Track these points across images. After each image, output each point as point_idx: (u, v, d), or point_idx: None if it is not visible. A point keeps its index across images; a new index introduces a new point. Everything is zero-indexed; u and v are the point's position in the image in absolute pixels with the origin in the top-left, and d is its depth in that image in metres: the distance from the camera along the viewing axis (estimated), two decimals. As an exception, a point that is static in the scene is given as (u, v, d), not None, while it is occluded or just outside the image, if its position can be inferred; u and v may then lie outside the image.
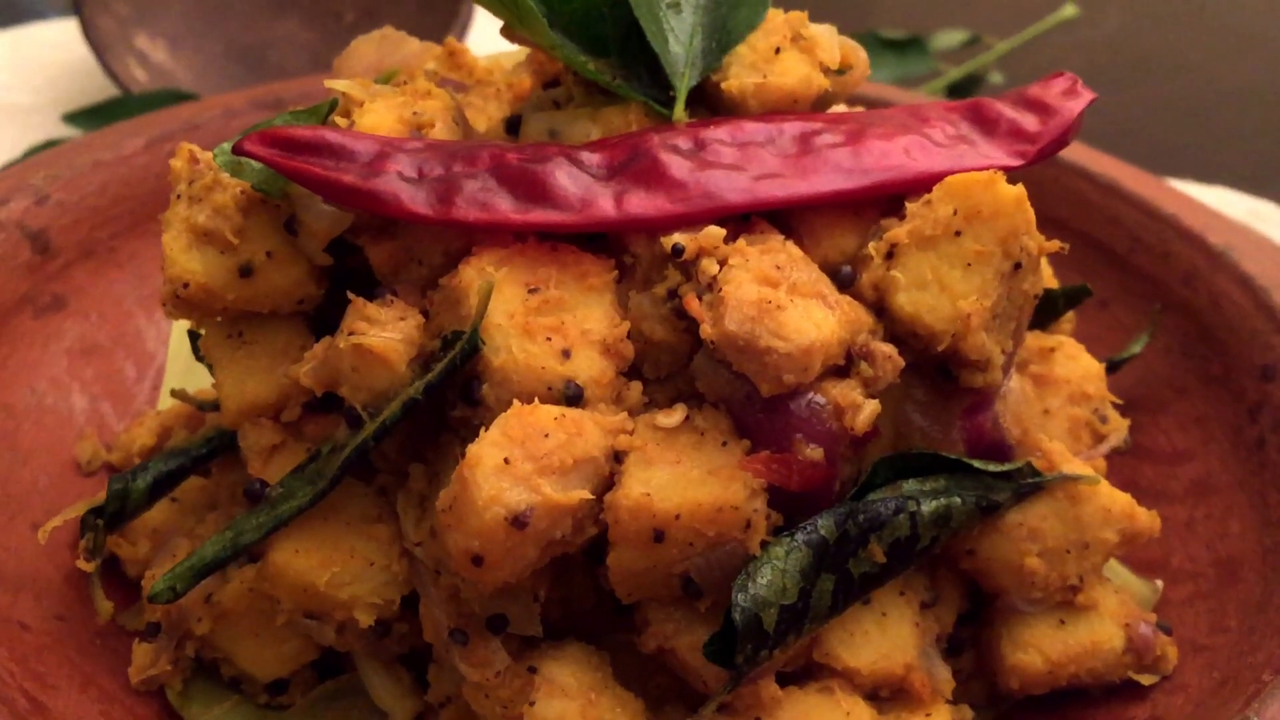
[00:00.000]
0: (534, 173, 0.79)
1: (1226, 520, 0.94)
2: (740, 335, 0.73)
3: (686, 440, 0.75)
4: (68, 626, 0.86)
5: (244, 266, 0.83)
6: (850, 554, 0.77)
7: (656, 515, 0.72)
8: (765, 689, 0.76)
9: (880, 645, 0.80)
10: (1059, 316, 0.98)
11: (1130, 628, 0.84)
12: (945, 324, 0.78)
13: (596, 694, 0.76)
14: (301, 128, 0.79)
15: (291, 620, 0.81)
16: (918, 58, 1.82)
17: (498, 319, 0.76)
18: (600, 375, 0.76)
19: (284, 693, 0.87)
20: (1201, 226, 1.10)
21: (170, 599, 0.78)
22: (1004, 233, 0.78)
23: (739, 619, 0.73)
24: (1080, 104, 0.86)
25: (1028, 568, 0.82)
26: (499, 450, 0.70)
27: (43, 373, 1.04)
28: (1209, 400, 1.03)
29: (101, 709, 0.81)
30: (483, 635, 0.77)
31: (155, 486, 0.86)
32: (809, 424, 0.75)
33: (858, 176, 0.81)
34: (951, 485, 0.80)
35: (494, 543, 0.70)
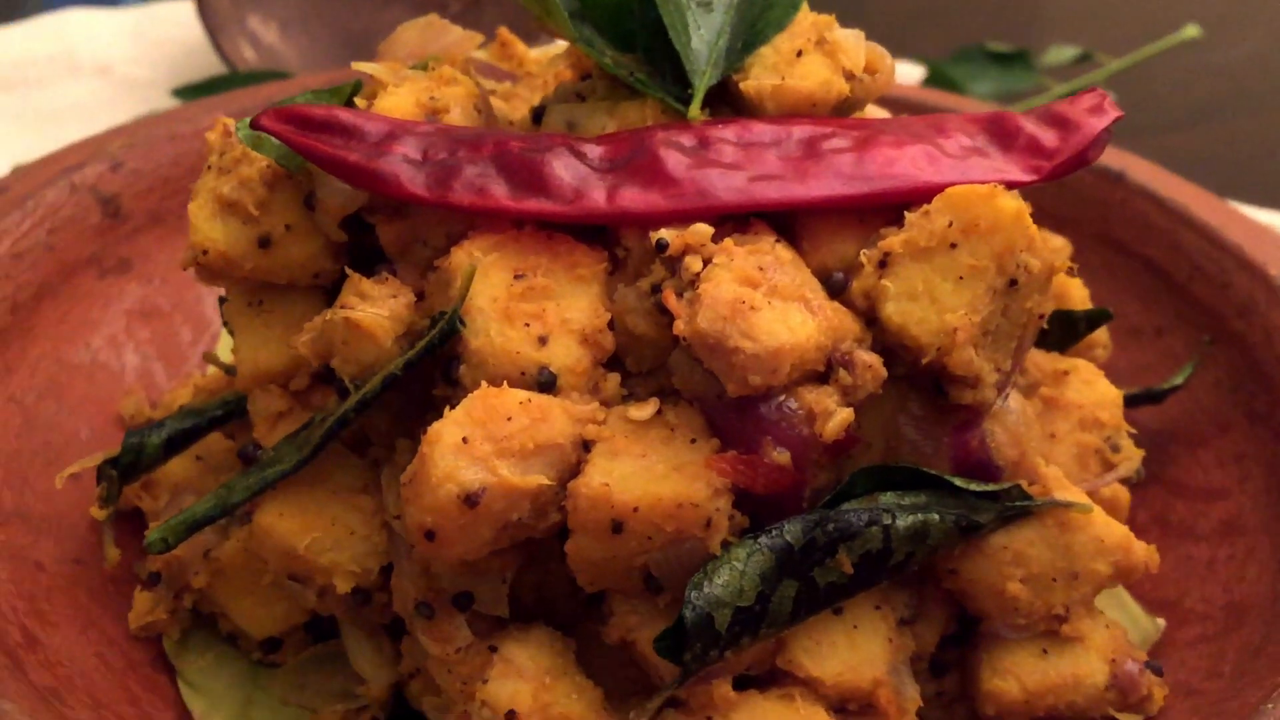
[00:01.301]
0: (532, 161, 0.80)
1: (1246, 563, 0.90)
2: (711, 333, 0.73)
3: (656, 435, 0.76)
4: (83, 570, 0.91)
5: (263, 238, 0.86)
6: (816, 562, 0.76)
7: (615, 506, 0.73)
8: (718, 689, 0.76)
9: (848, 657, 0.79)
10: (1079, 339, 0.95)
11: (1116, 664, 0.81)
12: (932, 337, 0.77)
13: (553, 679, 0.77)
14: (317, 106, 0.82)
15: (277, 581, 0.84)
16: (1022, 72, 1.78)
17: (480, 302, 0.77)
18: (575, 364, 0.77)
19: (277, 651, 0.90)
20: (1265, 258, 1.06)
21: (162, 549, 0.81)
22: (1000, 248, 0.76)
23: (690, 617, 0.73)
24: (1103, 121, 0.83)
25: (1010, 593, 0.80)
26: (459, 429, 0.72)
27: (100, 330, 1.10)
28: (1251, 438, 0.99)
29: (97, 650, 0.85)
30: (448, 611, 0.78)
31: (170, 443, 0.90)
32: (778, 427, 0.75)
33: (858, 183, 0.80)
34: (932, 502, 0.79)
35: (447, 519, 0.71)
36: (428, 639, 0.78)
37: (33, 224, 1.07)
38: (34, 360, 1.03)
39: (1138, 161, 1.20)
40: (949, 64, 1.80)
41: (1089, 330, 0.95)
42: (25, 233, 1.06)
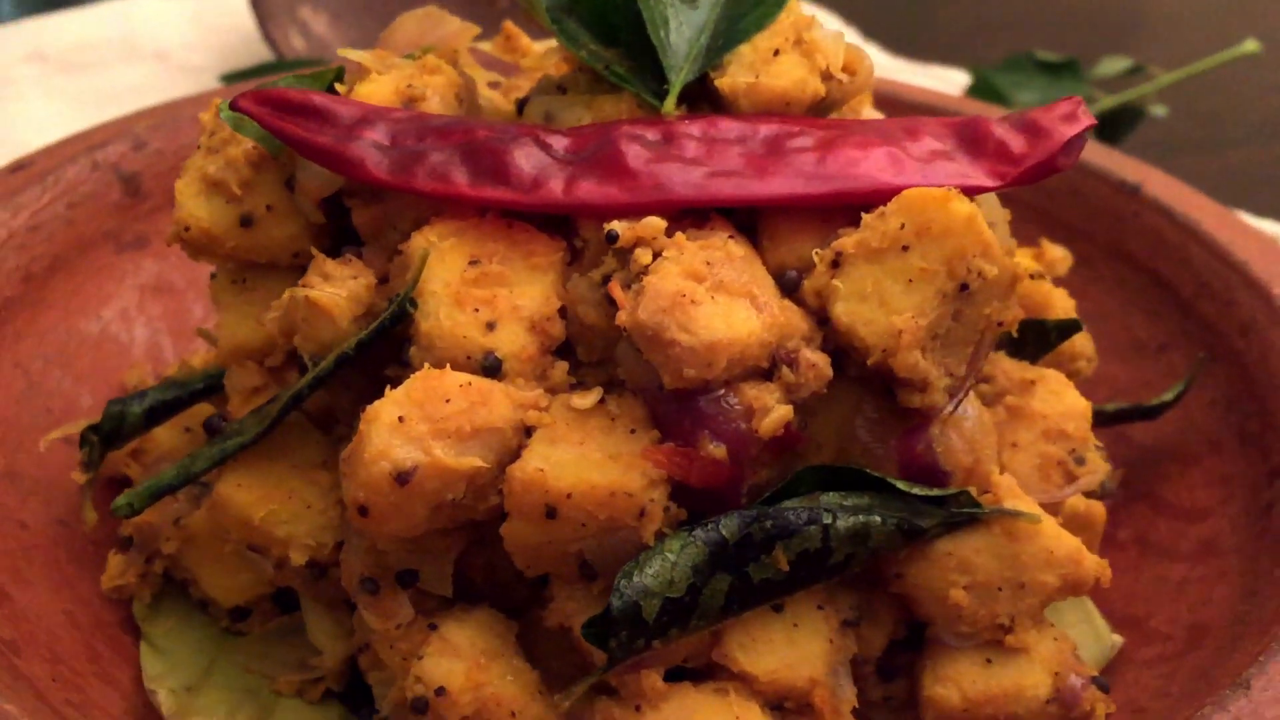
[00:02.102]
0: (496, 150, 0.81)
1: (1215, 585, 0.88)
2: (650, 325, 0.74)
3: (596, 423, 0.77)
4: (65, 532, 0.94)
5: (245, 217, 0.89)
6: (752, 558, 0.77)
7: (549, 491, 0.74)
8: (647, 679, 0.76)
9: (785, 655, 0.79)
10: (1051, 349, 0.94)
11: (1060, 677, 0.80)
12: (878, 338, 0.76)
13: (488, 660, 0.78)
14: (293, 90, 0.84)
15: (238, 550, 0.86)
16: (1070, 82, 1.75)
17: (434, 286, 0.79)
18: (521, 350, 0.78)
19: (245, 620, 0.92)
20: (1271, 276, 1.03)
21: (128, 514, 0.84)
22: (950, 252, 0.76)
23: (617, 605, 0.74)
24: (1074, 129, 0.82)
25: (953, 599, 0.79)
26: (397, 408, 0.73)
27: (112, 304, 1.13)
28: (1240, 459, 0.97)
29: (67, 608, 0.88)
30: (392, 588, 0.80)
31: (151, 412, 0.93)
32: (715, 421, 0.75)
33: (817, 183, 0.80)
34: (875, 504, 0.79)
35: (379, 495, 0.73)
36: (370, 614, 0.80)
37: (52, 198, 1.11)
38: (43, 329, 1.07)
39: (1157, 175, 1.18)
40: (996, 72, 1.78)
41: (1060, 340, 0.93)
42: (43, 206, 1.10)
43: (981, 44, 2.16)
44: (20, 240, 1.07)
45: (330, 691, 0.88)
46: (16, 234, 1.07)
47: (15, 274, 1.06)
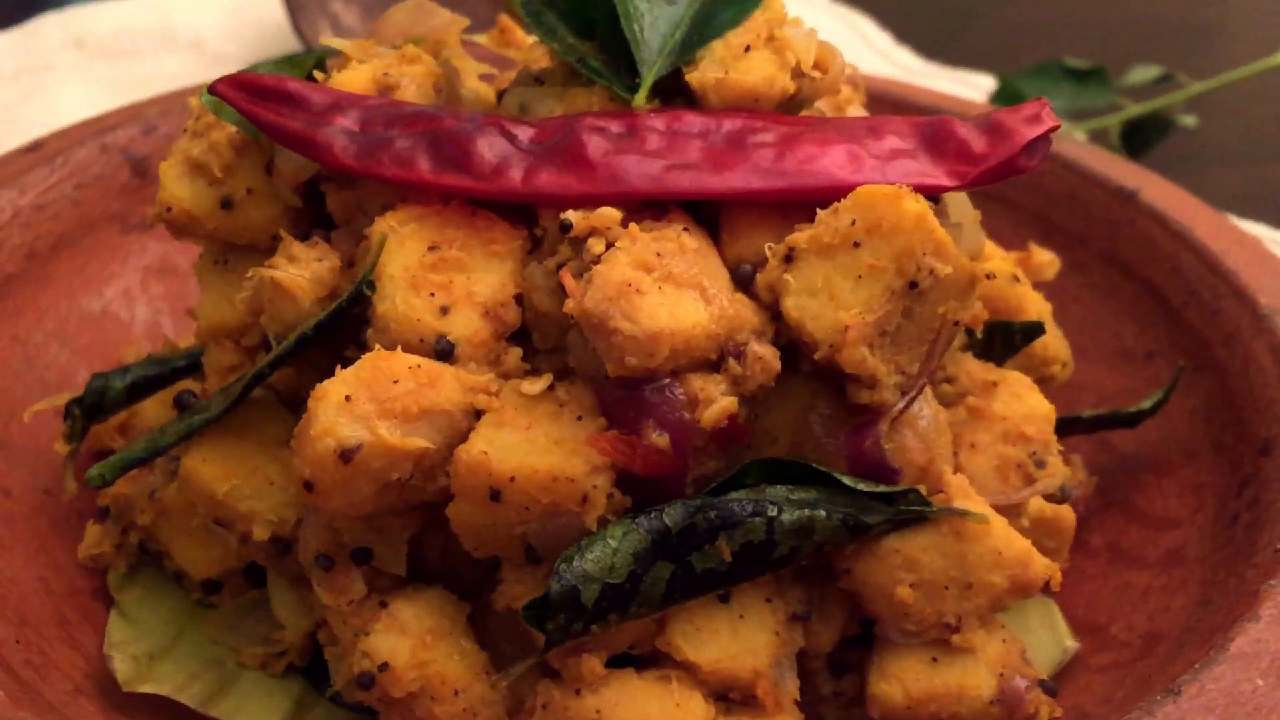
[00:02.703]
0: (460, 139, 0.83)
1: (1176, 594, 0.88)
2: (595, 313, 0.75)
3: (544, 409, 0.78)
4: (49, 501, 0.97)
5: (225, 199, 0.91)
6: (695, 547, 0.77)
7: (493, 474, 0.75)
8: (587, 663, 0.77)
9: (729, 646, 0.80)
10: (1017, 351, 0.93)
11: (1004, 679, 0.80)
12: (825, 333, 0.77)
13: (435, 639, 0.80)
14: (269, 75, 0.86)
15: (205, 524, 0.88)
16: (1097, 90, 1.73)
17: (392, 270, 0.80)
18: (473, 335, 0.79)
19: (217, 593, 0.94)
20: (1259, 286, 1.02)
21: (100, 484, 0.86)
22: (899, 249, 0.76)
23: (555, 589, 0.75)
24: (1036, 130, 0.82)
25: (898, 596, 0.80)
26: (345, 387, 0.75)
27: (116, 283, 1.16)
28: (1213, 469, 0.96)
29: (41, 575, 0.90)
30: (346, 565, 0.82)
31: (133, 388, 0.95)
32: (659, 411, 0.76)
33: (773, 178, 0.81)
34: (821, 498, 0.79)
35: (323, 472, 0.74)
36: (323, 589, 0.81)
37: (60, 178, 1.14)
38: (44, 305, 1.10)
39: (1155, 182, 1.17)
40: (1023, 78, 1.77)
41: (1025, 342, 0.93)
42: (51, 186, 1.13)
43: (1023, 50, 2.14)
44: (25, 218, 1.11)
45: (293, 666, 0.90)
46: (22, 212, 1.11)
47: (19, 251, 1.09)
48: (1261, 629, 0.74)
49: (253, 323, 0.90)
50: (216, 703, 0.85)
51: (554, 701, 0.78)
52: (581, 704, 0.77)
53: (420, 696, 0.79)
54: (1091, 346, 1.13)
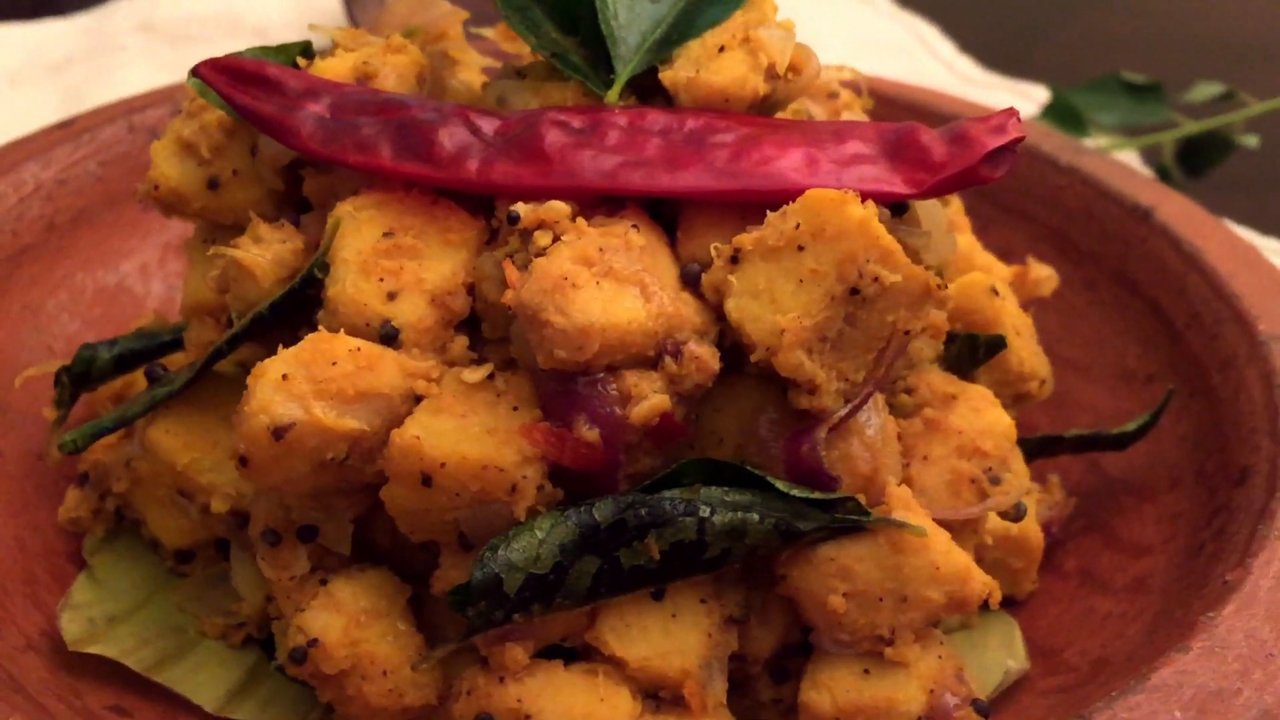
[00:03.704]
0: (423, 128, 0.84)
1: (1132, 622, 0.85)
2: (530, 305, 0.75)
3: (482, 398, 0.78)
4: (39, 465, 1.00)
5: (212, 179, 0.93)
6: (624, 543, 0.77)
7: (425, 459, 0.76)
8: (510, 652, 0.78)
9: (660, 644, 0.80)
10: (980, 364, 0.92)
11: (934, 695, 0.78)
12: (763, 336, 0.76)
13: (369, 619, 0.81)
14: (250, 60, 0.88)
15: (170, 495, 0.90)
16: (1153, 105, 1.69)
17: (346, 254, 0.81)
18: (419, 321, 0.80)
19: (189, 563, 0.96)
20: (1260, 312, 0.99)
21: (72, 450, 0.89)
22: (842, 254, 0.76)
23: (478, 575, 0.76)
24: (998, 140, 0.80)
25: (831, 605, 0.79)
26: (284, 366, 0.77)
27: (133, 258, 1.20)
28: (1192, 497, 0.94)
29: (20, 534, 0.94)
30: (292, 541, 0.83)
31: (120, 359, 0.98)
32: (591, 404, 0.76)
33: (726, 178, 0.81)
34: (756, 502, 0.78)
35: (257, 448, 0.76)
36: (267, 564, 0.83)
37: (84, 155, 1.18)
38: (60, 276, 1.14)
39: (1174, 200, 1.14)
40: (1078, 92, 1.73)
41: (988, 355, 0.91)
42: (74, 162, 1.17)
43: (1099, 64, 2.09)
44: (47, 191, 1.15)
45: (251, 638, 0.92)
46: (44, 185, 1.14)
47: (38, 223, 1.13)
48: (1189, 660, 0.72)
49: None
50: (165, 669, 0.87)
51: (478, 688, 0.79)
52: (504, 692, 0.78)
53: (351, 674, 0.80)
54: (1095, 366, 1.11)
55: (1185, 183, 1.69)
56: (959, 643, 0.92)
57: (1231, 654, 0.72)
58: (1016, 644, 0.90)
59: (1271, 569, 0.77)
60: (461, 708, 0.79)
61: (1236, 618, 0.74)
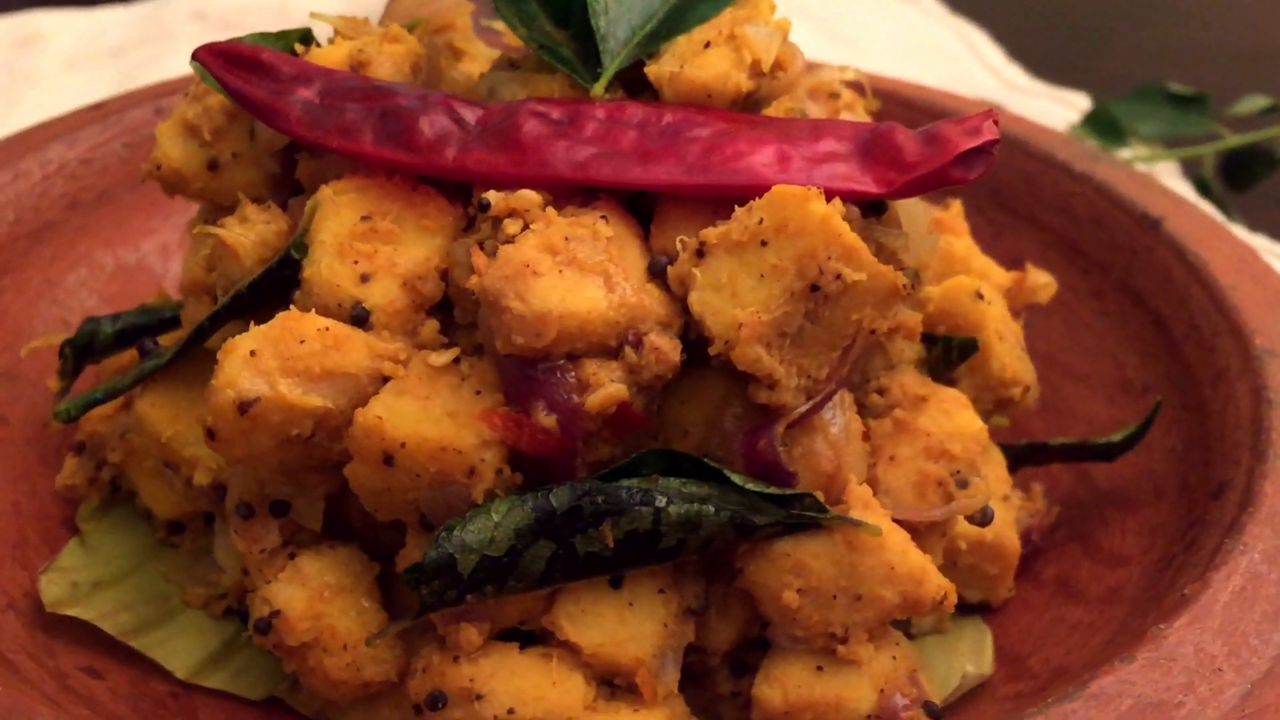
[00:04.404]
0: (406, 115, 0.85)
1: (1098, 633, 0.85)
2: (492, 290, 0.77)
3: (446, 381, 0.80)
4: (42, 433, 1.03)
5: (212, 161, 0.96)
6: (579, 530, 0.78)
7: (386, 439, 0.77)
8: (464, 632, 0.79)
9: (615, 632, 0.80)
10: (953, 367, 0.91)
11: (884, 695, 0.78)
12: (722, 329, 0.77)
13: (333, 594, 0.83)
14: (247, 45, 0.91)
15: (158, 466, 0.93)
16: (1196, 117, 1.66)
17: (323, 236, 0.83)
18: (389, 304, 0.82)
19: (180, 534, 0.99)
20: (1257, 326, 0.97)
21: (65, 419, 0.93)
22: (803, 251, 0.76)
23: (431, 555, 0.77)
24: (972, 141, 0.80)
25: (785, 601, 0.79)
26: (253, 343, 0.78)
27: (155, 238, 1.23)
28: (1173, 509, 0.92)
29: (16, 499, 0.97)
30: (265, 515, 0.85)
31: (122, 333, 1.01)
32: (549, 391, 0.77)
33: (696, 173, 0.81)
34: (712, 494, 0.79)
35: (223, 421, 0.78)
36: (239, 536, 0.85)
37: (111, 136, 1.21)
38: (80, 252, 1.18)
39: (1186, 210, 1.12)
40: (1120, 102, 1.71)
41: (960, 359, 0.91)
42: (101, 142, 1.21)
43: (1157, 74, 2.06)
44: (71, 170, 1.18)
45: (232, 609, 0.94)
46: (69, 164, 1.18)
47: (61, 200, 1.17)
48: (1132, 671, 0.71)
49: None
50: (142, 635, 0.89)
51: (433, 666, 0.80)
52: (457, 671, 0.79)
53: (313, 647, 0.82)
54: (1094, 376, 1.10)
55: (1227, 196, 1.67)
56: (930, 646, 0.92)
57: (1178, 667, 0.71)
58: (985, 650, 0.90)
59: (1231, 584, 0.76)
60: (416, 684, 0.81)
61: (1187, 630, 0.73)
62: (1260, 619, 0.75)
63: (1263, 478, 0.84)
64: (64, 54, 1.86)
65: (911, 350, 0.92)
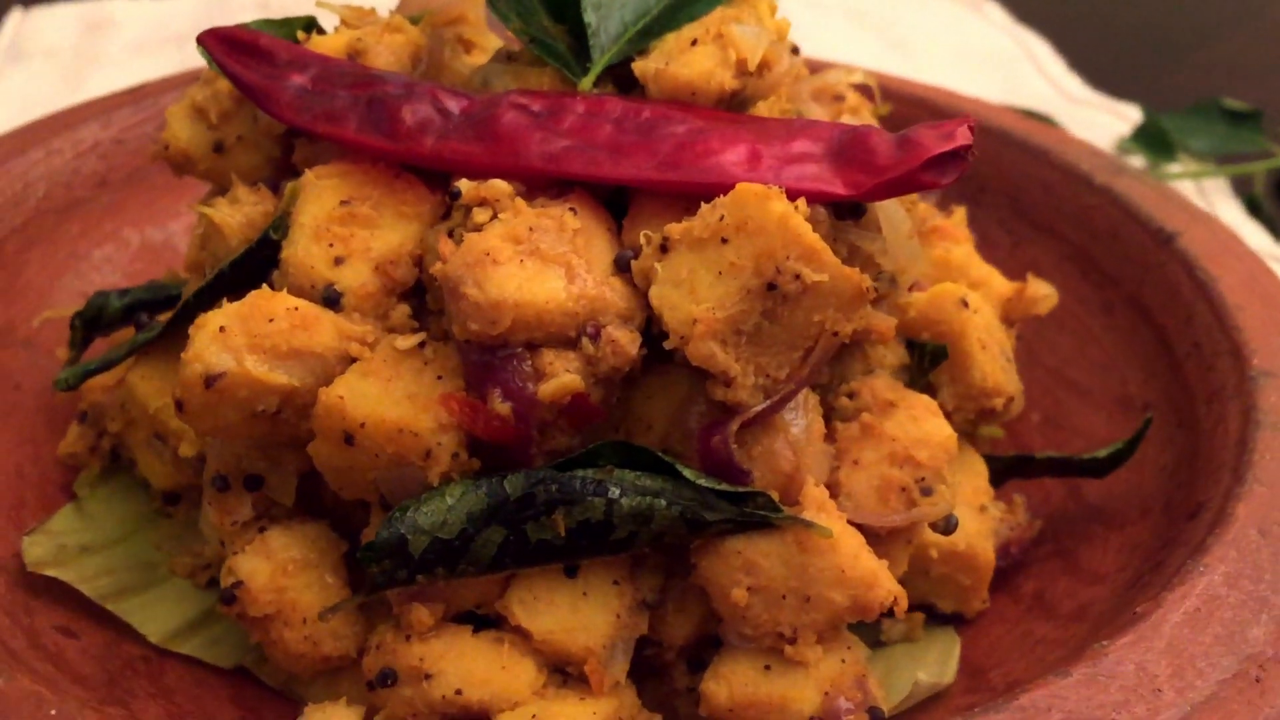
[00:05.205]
0: (390, 104, 0.87)
1: (1059, 649, 0.83)
2: (452, 277, 0.78)
3: (410, 365, 0.81)
4: (52, 399, 1.07)
5: (217, 143, 0.99)
6: (532, 517, 0.79)
7: (346, 418, 0.79)
8: (415, 612, 0.80)
9: (566, 619, 0.81)
10: (925, 374, 0.90)
11: (829, 698, 0.78)
12: (679, 325, 0.77)
13: (297, 569, 0.84)
14: (248, 30, 0.93)
15: (149, 437, 0.96)
16: (1249, 134, 1.62)
17: (303, 219, 0.85)
18: (360, 287, 0.83)
19: (175, 505, 1.02)
20: (1258, 347, 0.95)
21: (64, 388, 0.96)
22: (760, 249, 0.76)
23: (384, 534, 0.79)
24: (942, 147, 0.79)
25: (734, 598, 0.79)
26: (223, 319, 0.80)
27: (183, 219, 1.27)
28: (1154, 529, 0.90)
29: (20, 462, 1.00)
30: (239, 489, 0.87)
31: (129, 308, 1.04)
32: (504, 379, 0.78)
33: (665, 169, 0.82)
34: (666, 488, 0.79)
35: (191, 394, 0.80)
36: (213, 508, 0.87)
37: (144, 118, 1.25)
38: (108, 230, 1.22)
39: (1203, 225, 1.10)
40: (1173, 116, 1.67)
41: (932, 365, 0.90)
42: (134, 124, 1.24)
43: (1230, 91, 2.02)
44: (104, 150, 1.22)
45: (215, 580, 0.96)
46: (101, 144, 1.22)
47: (91, 179, 1.21)
48: (1066, 685, 0.70)
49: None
50: (121, 599, 0.92)
51: (386, 644, 0.82)
52: (409, 649, 0.81)
53: (275, 619, 0.84)
54: (1096, 391, 1.08)
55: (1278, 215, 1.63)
56: (898, 654, 0.91)
57: (1115, 684, 0.70)
58: (950, 660, 0.89)
59: (1185, 604, 0.75)
60: (369, 661, 0.82)
61: (1130, 649, 0.72)
62: (1212, 642, 0.73)
63: (1237, 500, 0.82)
64: (131, 39, 1.91)
65: (894, 355, 0.92)
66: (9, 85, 1.86)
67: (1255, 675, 0.71)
